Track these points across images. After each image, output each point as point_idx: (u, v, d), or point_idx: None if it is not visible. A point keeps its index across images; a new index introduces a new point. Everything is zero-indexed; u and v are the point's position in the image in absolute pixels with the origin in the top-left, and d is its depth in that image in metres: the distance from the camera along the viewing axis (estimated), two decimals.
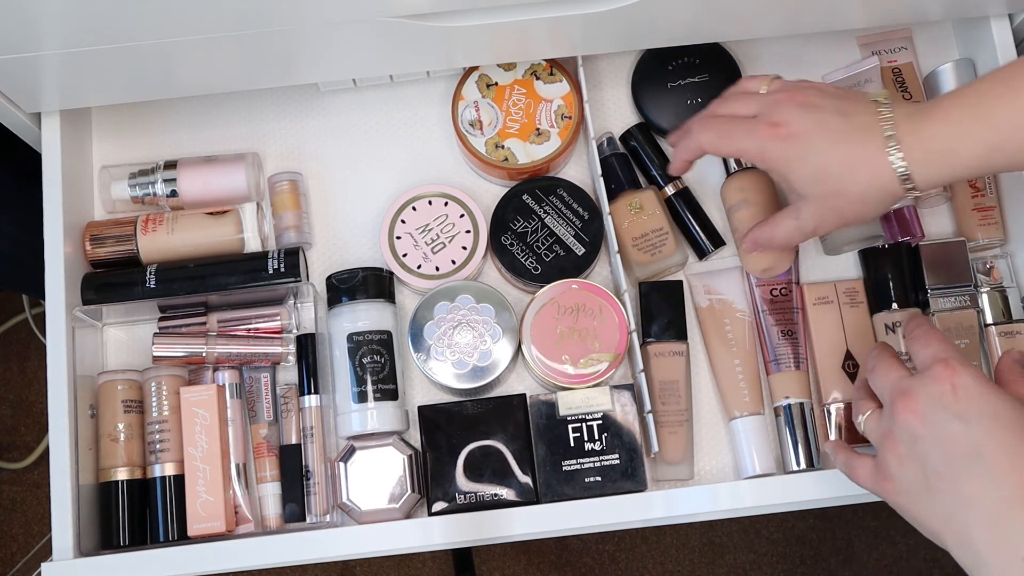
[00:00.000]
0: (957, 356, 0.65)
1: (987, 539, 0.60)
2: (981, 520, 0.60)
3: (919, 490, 0.64)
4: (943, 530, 0.63)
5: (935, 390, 0.64)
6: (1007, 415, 0.62)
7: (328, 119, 0.93)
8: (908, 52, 0.92)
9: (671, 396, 0.84)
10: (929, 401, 0.64)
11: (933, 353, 0.65)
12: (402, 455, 0.82)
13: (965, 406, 0.62)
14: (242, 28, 0.72)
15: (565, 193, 0.87)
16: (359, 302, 0.84)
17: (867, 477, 0.69)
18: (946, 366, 0.64)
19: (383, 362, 0.83)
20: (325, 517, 0.82)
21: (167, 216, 0.88)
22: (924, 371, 0.65)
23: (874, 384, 0.70)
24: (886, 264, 0.86)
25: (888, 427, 0.66)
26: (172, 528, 0.81)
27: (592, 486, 0.80)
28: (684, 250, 0.87)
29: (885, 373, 0.68)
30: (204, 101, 0.91)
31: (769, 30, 0.85)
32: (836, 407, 0.84)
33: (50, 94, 0.82)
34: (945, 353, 0.65)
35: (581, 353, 0.82)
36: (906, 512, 0.66)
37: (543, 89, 0.88)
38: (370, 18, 0.73)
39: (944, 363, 0.64)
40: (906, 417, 0.64)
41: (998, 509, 0.60)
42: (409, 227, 0.87)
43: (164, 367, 0.83)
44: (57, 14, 0.69)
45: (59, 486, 0.78)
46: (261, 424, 0.84)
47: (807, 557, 1.51)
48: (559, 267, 0.85)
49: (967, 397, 0.63)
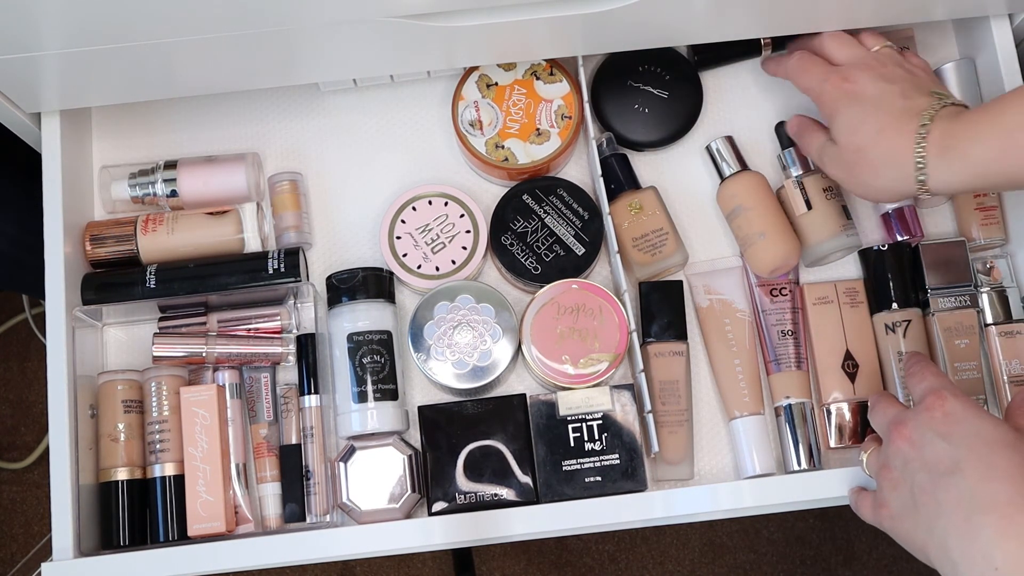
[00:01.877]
0: (949, 387, 0.67)
1: (961, 548, 0.62)
2: (955, 529, 0.62)
3: (908, 510, 0.66)
4: (927, 542, 0.65)
5: (926, 417, 0.67)
6: (989, 434, 0.64)
7: (328, 119, 0.93)
8: (910, 52, 0.92)
9: (671, 396, 0.84)
10: (919, 426, 0.67)
11: (928, 386, 0.68)
12: (402, 455, 0.82)
13: (951, 427, 0.65)
14: (242, 28, 0.72)
15: (565, 193, 0.87)
16: (359, 302, 0.84)
17: (868, 509, 0.72)
18: (937, 396, 0.67)
19: (383, 362, 0.83)
20: (325, 517, 0.82)
21: (167, 216, 0.88)
22: (918, 403, 0.68)
23: (874, 423, 0.73)
24: (886, 264, 0.86)
25: (884, 457, 0.69)
26: (172, 528, 0.81)
27: (592, 486, 0.80)
28: (684, 250, 0.87)
29: (883, 411, 0.71)
30: (204, 101, 0.91)
31: (768, 31, 0.85)
32: (836, 407, 0.84)
33: (50, 94, 0.82)
34: (939, 385, 0.68)
35: (581, 353, 0.82)
36: (897, 534, 0.69)
37: (543, 89, 0.88)
38: (370, 18, 0.73)
39: (936, 393, 0.67)
40: (898, 444, 0.68)
41: (970, 519, 0.61)
42: (409, 227, 0.87)
43: (164, 367, 0.83)
44: (57, 14, 0.69)
45: (59, 486, 0.78)
46: (261, 424, 0.84)
47: (807, 557, 1.51)
48: (559, 267, 0.85)
49: (954, 420, 0.65)
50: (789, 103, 0.91)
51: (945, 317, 0.85)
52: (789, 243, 0.84)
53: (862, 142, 0.75)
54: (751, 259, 0.85)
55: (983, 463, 0.63)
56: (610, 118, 0.90)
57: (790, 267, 0.85)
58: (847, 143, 0.77)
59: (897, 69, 0.79)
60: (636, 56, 0.89)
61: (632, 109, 0.90)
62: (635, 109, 0.90)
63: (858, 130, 0.76)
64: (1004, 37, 0.87)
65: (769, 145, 0.91)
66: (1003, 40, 0.87)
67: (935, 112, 0.73)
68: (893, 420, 0.69)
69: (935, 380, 0.69)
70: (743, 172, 0.87)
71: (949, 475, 0.63)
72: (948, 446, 0.64)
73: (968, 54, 0.92)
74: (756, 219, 0.85)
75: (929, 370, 0.70)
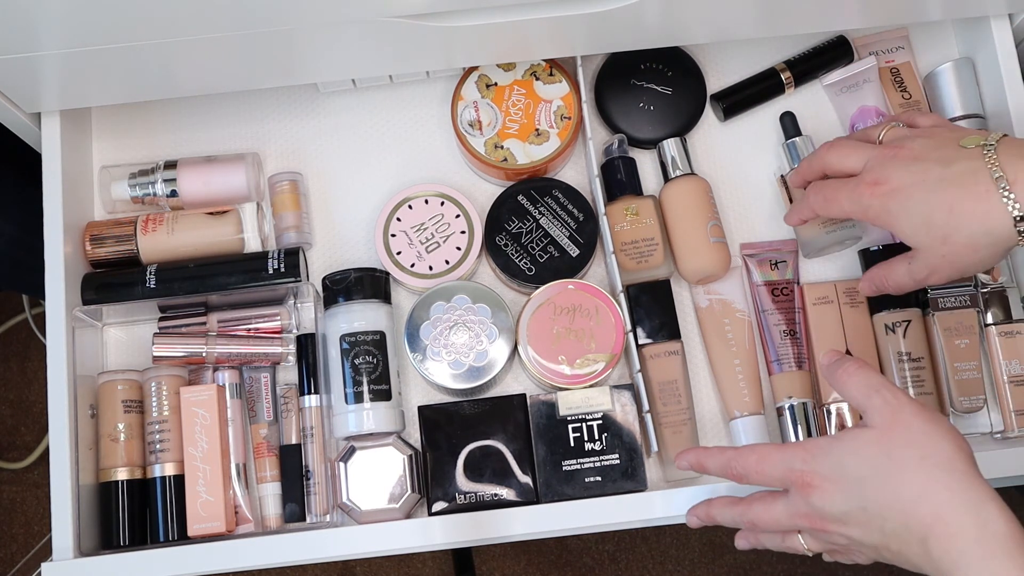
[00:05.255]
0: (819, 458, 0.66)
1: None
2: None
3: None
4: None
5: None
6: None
7: (328, 119, 0.93)
8: (905, 52, 0.92)
9: (671, 396, 0.84)
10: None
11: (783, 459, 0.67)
12: (402, 455, 0.82)
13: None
14: (242, 28, 0.72)
15: (560, 194, 0.87)
16: (353, 303, 0.83)
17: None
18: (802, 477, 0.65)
19: (376, 363, 0.82)
20: (325, 517, 0.82)
21: (167, 216, 0.88)
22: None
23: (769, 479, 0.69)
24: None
25: (801, 508, 0.67)
26: (172, 528, 0.81)
27: (592, 486, 0.80)
28: (670, 264, 0.87)
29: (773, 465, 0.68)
30: (204, 101, 0.92)
31: (767, 31, 0.85)
32: (836, 407, 0.84)
33: (50, 94, 0.82)
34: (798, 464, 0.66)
35: (577, 353, 0.82)
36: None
37: (542, 90, 0.88)
38: (370, 18, 0.73)
39: (800, 475, 0.66)
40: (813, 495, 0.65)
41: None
42: (404, 225, 0.87)
43: (164, 367, 0.83)
44: (57, 14, 0.69)
45: (59, 486, 0.79)
46: (261, 424, 0.84)
47: (807, 557, 1.51)
48: (553, 268, 0.85)
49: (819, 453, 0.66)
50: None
51: (945, 317, 0.85)
52: (698, 259, 0.86)
53: (942, 231, 0.69)
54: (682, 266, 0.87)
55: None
56: (616, 119, 0.90)
57: (718, 277, 0.87)
58: (929, 243, 0.70)
59: (915, 143, 0.73)
60: (637, 54, 0.89)
61: (637, 108, 0.90)
62: (640, 108, 0.90)
63: (930, 222, 0.69)
64: (1004, 37, 0.87)
65: (773, 137, 0.92)
66: (1003, 40, 0.87)
67: (992, 156, 0.68)
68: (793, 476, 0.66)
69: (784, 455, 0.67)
70: (682, 177, 0.88)
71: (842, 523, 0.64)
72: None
73: (968, 54, 0.92)
74: (675, 229, 0.87)
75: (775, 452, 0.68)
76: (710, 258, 0.85)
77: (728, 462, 0.69)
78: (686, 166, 0.88)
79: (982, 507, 0.60)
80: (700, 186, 0.87)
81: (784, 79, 0.91)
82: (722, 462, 0.69)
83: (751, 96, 0.91)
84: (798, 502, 0.66)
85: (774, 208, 0.90)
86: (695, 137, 0.92)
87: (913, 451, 0.62)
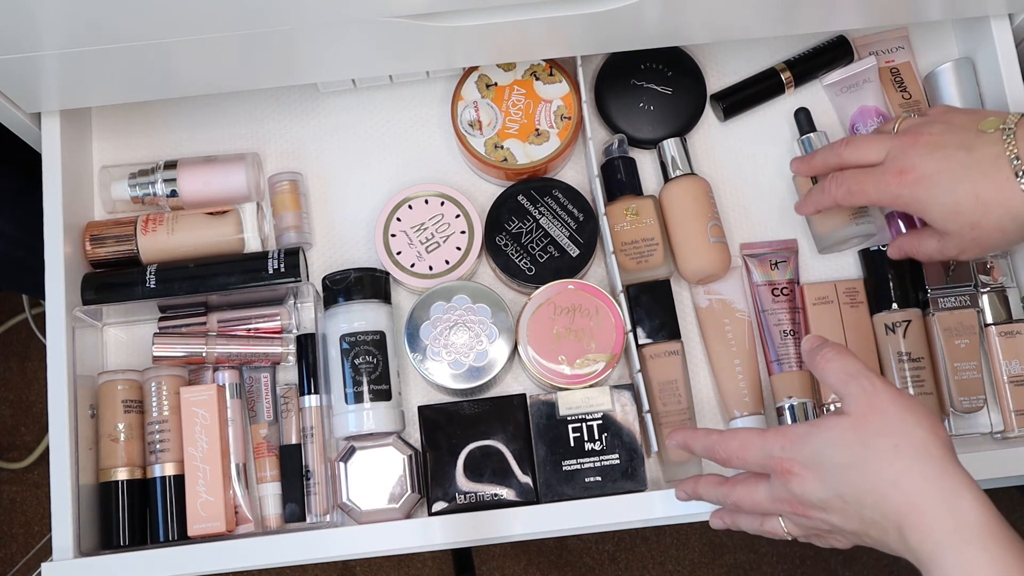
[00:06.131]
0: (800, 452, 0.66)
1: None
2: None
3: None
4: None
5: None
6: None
7: (328, 119, 0.93)
8: (905, 52, 0.92)
9: (671, 396, 0.84)
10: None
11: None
12: (402, 455, 0.82)
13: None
14: (242, 28, 0.72)
15: (560, 194, 0.87)
16: (353, 303, 0.83)
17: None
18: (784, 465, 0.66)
19: (375, 363, 0.82)
20: (325, 517, 0.82)
21: (167, 216, 0.88)
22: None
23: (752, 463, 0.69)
24: (886, 264, 0.86)
25: (782, 494, 0.67)
26: (172, 528, 0.81)
27: (592, 486, 0.80)
28: (670, 264, 0.87)
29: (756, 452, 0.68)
30: (204, 101, 0.92)
31: (767, 31, 0.85)
32: (836, 407, 0.84)
33: (50, 94, 0.82)
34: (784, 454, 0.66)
35: (577, 353, 0.82)
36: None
37: (542, 90, 0.88)
38: (370, 18, 0.73)
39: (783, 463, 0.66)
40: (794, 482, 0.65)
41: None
42: (404, 225, 0.87)
43: (164, 367, 0.83)
44: (57, 14, 0.69)
45: (59, 486, 0.79)
46: (261, 424, 0.84)
47: (807, 557, 1.51)
48: (553, 268, 0.85)
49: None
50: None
51: (945, 317, 0.85)
52: (699, 259, 0.86)
53: (971, 217, 0.71)
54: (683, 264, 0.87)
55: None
56: (616, 119, 0.90)
57: (709, 280, 0.87)
58: (958, 227, 0.72)
59: (933, 127, 0.74)
60: (637, 54, 0.89)
61: (637, 108, 0.90)
62: (640, 108, 0.90)
63: (958, 210, 0.71)
64: (1004, 37, 0.87)
65: (773, 136, 0.92)
66: (1003, 40, 0.87)
67: (1011, 142, 0.69)
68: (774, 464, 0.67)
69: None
70: (682, 177, 0.88)
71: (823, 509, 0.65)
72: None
73: (968, 54, 0.92)
74: (675, 228, 0.87)
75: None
76: (710, 258, 0.85)
77: (712, 445, 0.70)
78: (686, 166, 0.88)
79: (957, 496, 0.60)
80: (700, 186, 0.87)
81: (784, 79, 0.91)
82: (707, 444, 0.70)
83: (751, 96, 0.92)
84: (778, 488, 0.66)
85: (774, 208, 0.90)
86: (695, 137, 0.92)
87: (887, 439, 0.62)
